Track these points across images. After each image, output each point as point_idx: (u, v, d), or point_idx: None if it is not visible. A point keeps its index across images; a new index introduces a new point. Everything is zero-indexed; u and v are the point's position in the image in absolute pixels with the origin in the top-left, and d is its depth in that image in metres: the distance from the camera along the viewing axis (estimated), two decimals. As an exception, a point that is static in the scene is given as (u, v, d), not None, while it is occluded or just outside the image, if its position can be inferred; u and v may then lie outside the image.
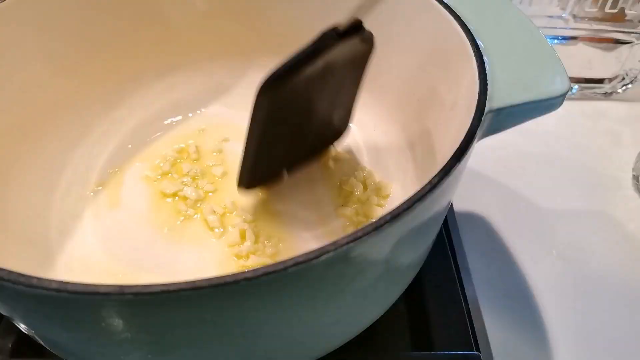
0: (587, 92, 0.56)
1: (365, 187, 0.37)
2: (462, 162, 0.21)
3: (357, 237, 0.18)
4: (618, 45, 0.53)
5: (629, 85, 0.55)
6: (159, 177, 0.38)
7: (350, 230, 0.35)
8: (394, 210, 0.19)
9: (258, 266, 0.17)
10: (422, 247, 0.26)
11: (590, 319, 0.37)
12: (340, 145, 0.40)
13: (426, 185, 0.20)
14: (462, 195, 0.45)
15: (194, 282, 0.17)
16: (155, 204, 0.37)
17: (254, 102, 0.28)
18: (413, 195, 0.19)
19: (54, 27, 0.35)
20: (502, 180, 0.47)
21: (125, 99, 0.40)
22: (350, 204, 0.37)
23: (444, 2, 0.30)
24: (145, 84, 0.42)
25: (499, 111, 0.24)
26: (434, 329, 0.31)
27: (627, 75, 0.54)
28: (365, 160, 0.39)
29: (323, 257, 0.17)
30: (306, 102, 0.30)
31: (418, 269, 0.28)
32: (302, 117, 0.32)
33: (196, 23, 0.40)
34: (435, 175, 0.20)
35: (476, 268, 0.39)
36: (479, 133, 0.22)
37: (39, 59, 0.34)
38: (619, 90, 0.55)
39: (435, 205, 0.22)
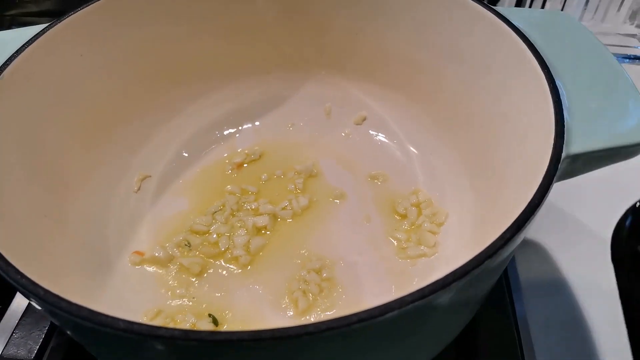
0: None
1: (419, 213, 0.36)
2: (536, 216, 0.20)
3: (423, 295, 0.17)
4: (697, 66, 0.49)
5: None
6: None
7: (401, 256, 0.34)
8: (461, 267, 0.18)
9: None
10: (482, 293, 0.25)
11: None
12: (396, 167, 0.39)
13: (496, 240, 0.19)
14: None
15: (257, 332, 0.16)
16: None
17: None
18: (483, 252, 0.18)
19: (120, 42, 0.35)
20: (561, 207, 0.45)
21: (182, 109, 0.41)
22: (403, 229, 0.36)
23: (516, 27, 0.29)
24: (202, 95, 0.42)
25: (575, 157, 0.22)
26: (482, 346, 0.30)
27: None
28: (422, 184, 0.38)
29: (387, 315, 0.17)
30: None
31: (474, 314, 0.27)
32: None
33: (256, 36, 0.40)
34: (507, 230, 0.19)
35: (529, 293, 0.37)
36: (555, 179, 0.21)
37: (105, 71, 0.35)
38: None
39: (501, 259, 0.21)
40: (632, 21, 0.48)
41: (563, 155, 0.22)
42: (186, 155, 0.41)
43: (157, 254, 0.34)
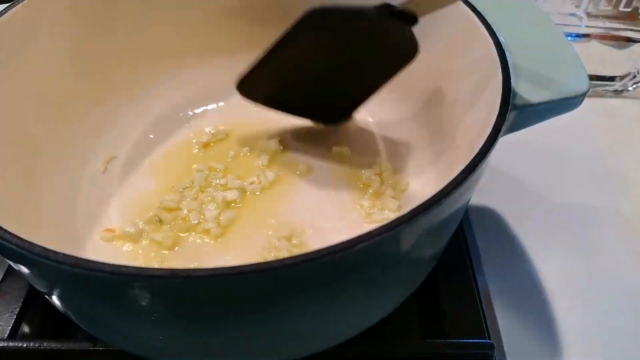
0: (598, 89, 0.56)
1: (382, 181, 0.38)
2: (487, 158, 0.22)
3: (389, 229, 0.19)
4: (630, 43, 0.53)
5: (640, 84, 0.55)
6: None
7: (367, 221, 0.36)
8: (421, 204, 0.20)
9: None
10: (443, 240, 0.27)
11: (598, 312, 0.38)
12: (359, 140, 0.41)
13: (453, 180, 0.21)
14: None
15: (239, 267, 0.18)
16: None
17: (300, 17, 0.30)
18: (441, 190, 0.20)
19: (80, 21, 0.36)
20: (515, 175, 0.48)
21: (148, 91, 0.41)
22: (367, 197, 0.38)
23: (468, 1, 0.31)
24: (166, 77, 0.42)
25: (522, 109, 0.25)
26: (448, 319, 0.32)
27: (638, 73, 0.55)
28: (383, 154, 0.40)
29: (357, 247, 0.19)
30: (336, 54, 0.32)
31: (435, 262, 0.29)
32: (323, 68, 0.33)
33: (223, 17, 0.41)
34: (462, 171, 0.21)
35: (488, 260, 0.40)
36: (503, 130, 0.23)
37: (69, 52, 0.35)
38: (630, 88, 0.56)
39: (459, 200, 0.23)
40: (574, 1, 0.51)
41: (510, 107, 0.24)
42: (152, 137, 0.42)
43: (128, 230, 0.35)
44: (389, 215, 0.36)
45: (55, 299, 0.24)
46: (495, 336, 0.35)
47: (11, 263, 0.24)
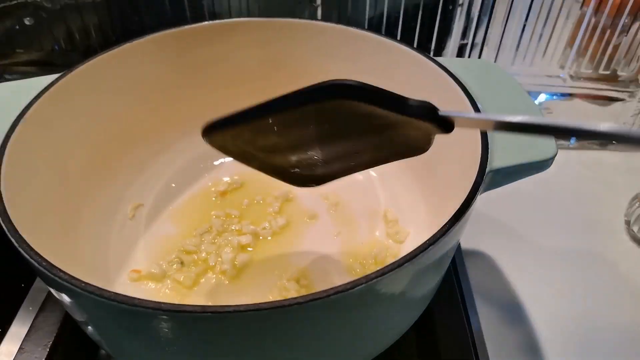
0: (584, 142, 0.61)
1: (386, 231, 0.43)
2: (467, 213, 0.26)
3: (384, 273, 0.23)
4: (612, 102, 0.58)
5: (623, 138, 0.60)
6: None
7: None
8: (413, 251, 0.24)
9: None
10: (435, 280, 0.31)
11: (586, 352, 0.41)
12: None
13: (438, 232, 0.25)
14: (468, 234, 0.49)
15: (258, 304, 0.22)
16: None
17: (316, 86, 0.26)
18: (428, 239, 0.24)
19: (119, 91, 0.41)
20: (506, 222, 0.52)
21: (173, 146, 0.46)
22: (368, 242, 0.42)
23: (452, 73, 0.36)
24: (190, 133, 0.47)
25: (497, 171, 0.29)
26: (441, 344, 0.36)
27: (620, 128, 0.60)
28: (383, 204, 0.44)
29: (357, 288, 0.23)
30: (338, 129, 0.28)
31: (429, 300, 0.33)
32: (315, 136, 0.29)
33: (238, 85, 0.46)
34: (445, 224, 0.25)
35: (480, 300, 0.44)
36: (481, 189, 0.28)
37: (106, 116, 0.41)
38: (614, 142, 0.60)
39: (446, 246, 0.27)
40: (559, 64, 0.57)
41: (487, 169, 0.28)
42: (174, 186, 0.46)
43: (153, 270, 0.39)
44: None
45: (93, 329, 0.28)
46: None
47: (63, 297, 0.28)
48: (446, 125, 0.25)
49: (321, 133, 0.29)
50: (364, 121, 0.27)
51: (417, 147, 0.27)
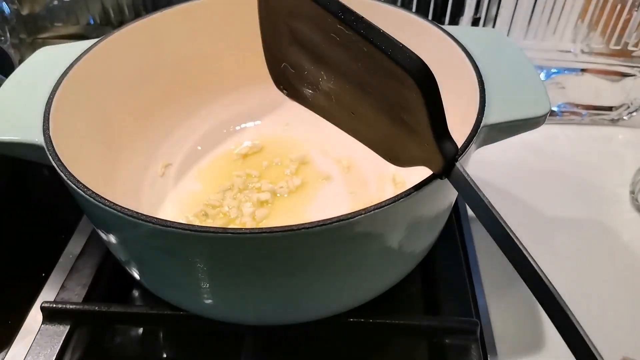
0: (596, 118, 0.62)
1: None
2: (460, 162, 0.29)
3: (380, 206, 0.26)
4: (623, 77, 0.60)
5: (634, 113, 0.61)
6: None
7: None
8: (407, 190, 0.27)
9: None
10: (431, 227, 0.34)
11: (581, 310, 0.43)
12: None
13: (430, 175, 0.28)
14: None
15: (271, 228, 0.25)
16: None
17: None
18: (421, 181, 0.27)
19: (153, 56, 0.45)
20: (512, 191, 0.54)
21: (200, 111, 0.50)
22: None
23: (455, 39, 0.38)
24: (214, 99, 0.51)
25: (492, 126, 0.32)
26: (442, 299, 0.39)
27: (631, 104, 0.61)
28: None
29: (356, 218, 0.26)
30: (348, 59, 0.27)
31: (429, 247, 0.36)
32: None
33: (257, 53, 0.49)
34: (440, 168, 0.28)
35: (484, 260, 0.46)
36: (475, 141, 0.30)
37: (142, 78, 0.45)
38: (625, 117, 0.62)
39: (438, 193, 0.30)
40: (570, 39, 0.58)
41: (482, 124, 0.31)
42: (200, 148, 0.50)
43: (180, 220, 0.43)
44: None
45: (129, 258, 0.32)
46: (485, 316, 0.41)
47: (103, 230, 0.32)
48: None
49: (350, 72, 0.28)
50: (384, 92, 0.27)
51: (407, 157, 0.29)
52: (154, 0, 0.60)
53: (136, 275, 0.35)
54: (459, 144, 0.30)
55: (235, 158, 0.50)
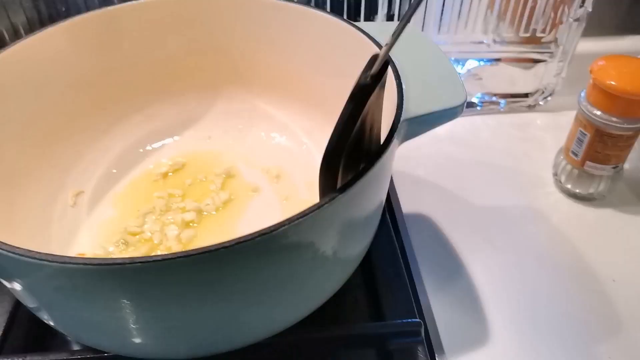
0: (514, 105, 0.64)
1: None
2: (384, 158, 0.28)
3: (305, 214, 0.24)
4: (535, 64, 0.62)
5: (549, 98, 0.64)
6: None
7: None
8: (333, 193, 0.25)
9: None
10: (363, 230, 0.33)
11: (520, 296, 0.44)
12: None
13: (355, 175, 0.26)
14: (409, 199, 0.51)
15: (187, 251, 0.23)
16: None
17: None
18: (346, 183, 0.26)
19: (49, 74, 0.41)
20: (443, 184, 0.54)
21: (110, 130, 0.46)
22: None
23: (370, 36, 0.38)
24: (125, 117, 0.48)
25: (412, 120, 0.31)
26: (385, 304, 0.38)
27: (545, 89, 0.63)
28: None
29: (280, 229, 0.24)
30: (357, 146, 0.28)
31: (363, 252, 0.35)
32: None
33: (171, 66, 0.47)
34: (362, 168, 0.27)
35: (422, 257, 0.46)
36: (397, 137, 0.29)
37: (39, 98, 0.40)
38: (541, 103, 0.64)
39: (366, 192, 0.28)
40: (482, 30, 0.59)
41: (402, 118, 0.30)
42: (115, 171, 0.47)
43: (97, 252, 0.39)
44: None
45: (31, 302, 0.28)
46: (428, 315, 0.40)
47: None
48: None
49: None
50: None
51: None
52: (52, 18, 0.55)
53: (49, 322, 0.31)
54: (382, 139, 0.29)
55: (155, 178, 0.46)
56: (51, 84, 0.41)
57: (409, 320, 0.36)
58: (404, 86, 0.32)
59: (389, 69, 0.33)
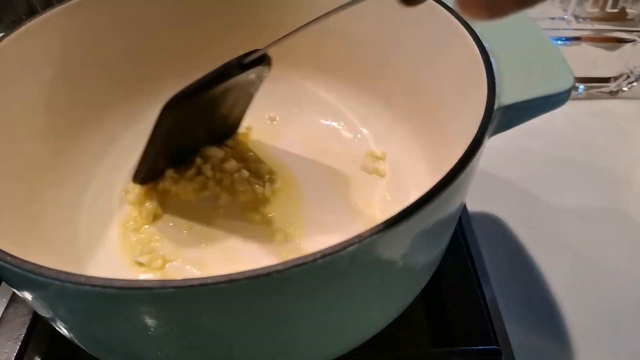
0: (593, 91, 0.57)
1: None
2: (476, 157, 0.22)
3: (380, 230, 0.19)
4: (621, 44, 0.54)
5: (634, 83, 0.56)
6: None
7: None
8: (413, 203, 0.20)
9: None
10: (439, 244, 0.27)
11: (606, 315, 0.38)
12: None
13: (441, 180, 0.21)
14: (475, 197, 0.45)
15: (229, 275, 0.18)
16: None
17: (159, 115, 0.32)
18: (430, 190, 0.20)
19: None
20: (515, 181, 0.48)
21: (145, 112, 0.42)
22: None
23: (450, 7, 0.31)
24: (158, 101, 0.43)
25: (508, 108, 0.25)
26: (454, 326, 0.32)
27: (631, 73, 0.55)
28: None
29: (348, 249, 0.19)
30: (204, 113, 0.35)
31: (434, 267, 0.29)
32: (199, 124, 0.36)
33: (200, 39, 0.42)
34: (451, 170, 0.21)
35: (492, 267, 0.40)
36: (490, 129, 0.24)
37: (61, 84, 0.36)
38: (625, 89, 0.56)
39: (450, 200, 0.23)
40: (560, 4, 0.52)
41: (496, 106, 0.24)
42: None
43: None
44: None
45: (53, 319, 0.24)
46: (504, 341, 0.35)
47: (14, 289, 0.24)
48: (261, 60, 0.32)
49: (203, 119, 0.36)
50: (215, 99, 0.34)
51: (262, 75, 0.33)
52: None
53: (67, 336, 0.27)
54: (471, 135, 0.23)
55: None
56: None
57: (486, 347, 0.31)
58: (495, 67, 0.26)
59: (473, 44, 0.28)
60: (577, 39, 0.54)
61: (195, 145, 0.39)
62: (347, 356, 0.27)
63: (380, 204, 0.37)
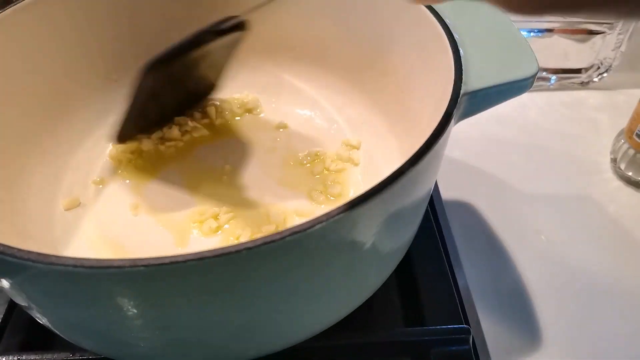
0: (565, 82, 0.58)
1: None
2: (442, 140, 0.23)
3: (347, 209, 0.20)
4: (592, 35, 0.55)
5: (605, 74, 0.57)
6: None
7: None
8: (380, 182, 0.21)
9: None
10: (408, 226, 0.28)
11: (575, 297, 0.39)
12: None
13: (406, 162, 0.21)
14: (449, 184, 0.46)
15: (200, 252, 0.18)
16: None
17: (138, 77, 0.33)
18: (394, 171, 0.21)
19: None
20: (487, 169, 0.49)
21: (120, 104, 0.42)
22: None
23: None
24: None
25: (474, 94, 0.26)
26: (427, 307, 0.33)
27: (601, 64, 0.57)
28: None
29: (316, 227, 0.19)
30: (183, 74, 0.36)
31: (405, 250, 0.30)
32: (177, 86, 0.38)
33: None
34: (416, 152, 0.22)
35: (465, 251, 0.41)
36: (456, 114, 0.24)
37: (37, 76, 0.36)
38: (595, 79, 0.58)
39: (416, 182, 0.23)
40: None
41: (462, 92, 0.25)
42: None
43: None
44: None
45: (28, 305, 0.24)
46: (474, 322, 0.36)
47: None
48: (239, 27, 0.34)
49: (183, 80, 0.38)
50: (192, 62, 0.36)
51: (239, 36, 0.35)
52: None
53: (43, 323, 0.27)
54: (437, 118, 0.24)
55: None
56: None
57: (455, 326, 0.32)
58: (462, 55, 0.27)
59: (443, 34, 0.28)
60: (549, 30, 0.55)
61: (174, 108, 0.41)
62: (320, 337, 0.28)
63: (355, 191, 0.38)
